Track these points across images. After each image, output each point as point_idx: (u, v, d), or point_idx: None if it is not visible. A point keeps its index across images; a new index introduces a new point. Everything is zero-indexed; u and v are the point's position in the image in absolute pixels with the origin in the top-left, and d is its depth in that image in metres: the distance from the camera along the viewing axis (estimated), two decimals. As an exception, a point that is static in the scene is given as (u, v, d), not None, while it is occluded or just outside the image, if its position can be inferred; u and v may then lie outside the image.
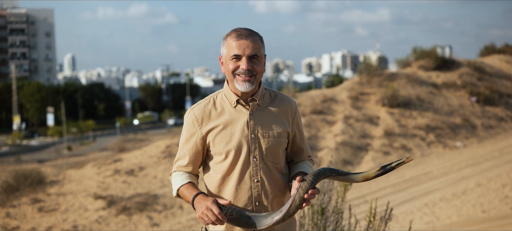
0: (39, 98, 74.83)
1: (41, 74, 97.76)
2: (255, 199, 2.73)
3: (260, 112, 2.78)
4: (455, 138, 26.49)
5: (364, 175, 2.77)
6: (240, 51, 2.68)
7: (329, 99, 29.84)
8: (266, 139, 2.74)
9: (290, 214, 2.62)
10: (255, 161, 2.73)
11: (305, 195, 2.59)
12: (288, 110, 2.86)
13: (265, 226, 2.62)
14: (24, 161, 41.62)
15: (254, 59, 2.71)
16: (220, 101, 2.82)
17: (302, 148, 2.94)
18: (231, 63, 2.71)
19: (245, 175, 2.73)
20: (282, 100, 2.87)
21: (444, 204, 14.34)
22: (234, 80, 2.73)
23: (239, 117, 2.76)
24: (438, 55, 36.28)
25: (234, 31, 2.74)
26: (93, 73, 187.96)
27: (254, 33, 2.75)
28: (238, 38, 2.69)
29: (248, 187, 2.73)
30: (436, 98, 30.69)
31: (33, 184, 22.48)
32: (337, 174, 2.76)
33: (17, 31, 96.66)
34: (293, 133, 2.89)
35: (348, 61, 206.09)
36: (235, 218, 2.62)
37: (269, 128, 2.76)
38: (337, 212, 5.35)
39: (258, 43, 2.73)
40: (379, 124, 27.07)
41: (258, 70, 2.72)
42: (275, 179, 2.77)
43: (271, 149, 2.75)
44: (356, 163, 22.81)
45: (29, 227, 18.86)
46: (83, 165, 28.34)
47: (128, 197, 20.39)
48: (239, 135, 2.73)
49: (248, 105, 2.77)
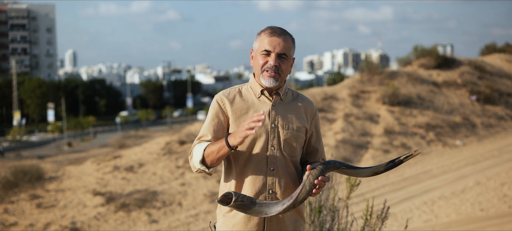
0: (40, 94, 74.78)
1: (42, 69, 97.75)
2: (269, 187, 2.80)
3: (282, 106, 2.90)
4: (455, 137, 26.46)
5: (373, 169, 2.84)
6: (270, 47, 2.81)
7: (330, 97, 29.82)
8: (285, 131, 2.84)
9: (300, 199, 2.65)
10: (273, 149, 2.81)
11: (315, 181, 2.64)
12: (308, 110, 2.98)
13: (275, 213, 2.64)
14: (24, 157, 41.64)
15: (283, 57, 2.83)
16: (245, 91, 2.93)
17: (317, 150, 3.01)
18: (261, 57, 2.83)
19: (262, 161, 2.80)
20: (303, 99, 3.00)
21: (443, 202, 14.33)
22: (260, 75, 2.83)
23: (261, 106, 2.87)
24: (439, 53, 36.25)
25: (269, 28, 2.87)
26: (94, 69, 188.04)
27: (287, 34, 2.87)
28: (271, 35, 2.82)
29: (264, 173, 2.80)
30: (436, 96, 30.66)
31: (32, 180, 22.47)
32: (346, 167, 2.83)
33: (18, 27, 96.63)
34: (311, 132, 2.97)
35: (349, 59, 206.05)
36: (245, 204, 2.62)
37: (289, 121, 2.87)
38: (334, 210, 5.35)
39: (289, 43, 2.86)
40: (379, 122, 27.05)
41: (284, 69, 2.84)
42: (290, 171, 2.84)
43: (289, 140, 2.84)
44: (356, 161, 22.79)
45: (27, 223, 18.86)
46: (82, 161, 28.34)
47: (127, 194, 20.38)
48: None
49: (272, 97, 2.88)
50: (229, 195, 2.61)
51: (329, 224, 5.34)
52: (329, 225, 5.34)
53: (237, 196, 2.60)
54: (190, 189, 20.50)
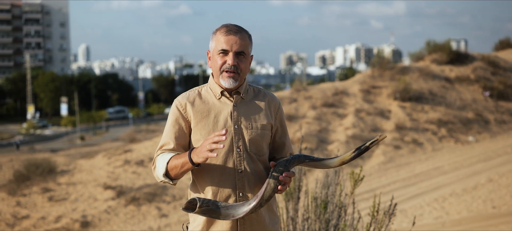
0: (53, 88, 75.24)
1: (55, 64, 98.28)
2: (239, 190, 2.72)
3: (244, 105, 2.81)
4: (467, 133, 26.28)
5: (340, 159, 2.75)
6: (228, 46, 2.71)
7: (341, 92, 29.73)
8: (249, 131, 2.76)
9: (266, 198, 2.60)
10: (239, 151, 2.73)
11: (280, 177, 2.59)
12: (271, 105, 2.88)
13: (243, 214, 2.59)
14: (37, 151, 41.91)
15: (241, 56, 2.74)
16: (205, 93, 2.84)
17: (284, 144, 2.92)
18: (219, 58, 2.73)
19: (228, 165, 2.73)
20: (265, 95, 2.90)
21: (454, 199, 14.22)
22: (219, 75, 2.75)
23: (223, 108, 2.78)
24: (452, 49, 35.98)
25: (224, 26, 2.77)
26: (107, 64, 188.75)
27: (243, 30, 2.77)
28: (227, 33, 2.72)
29: (232, 177, 2.73)
30: (448, 92, 30.46)
31: (44, 174, 22.63)
32: (311, 160, 2.75)
33: (32, 21, 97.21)
34: (276, 127, 2.89)
35: (362, 54, 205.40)
36: (211, 209, 2.57)
37: (253, 120, 2.78)
38: (340, 206, 5.31)
39: (246, 40, 2.75)
40: (390, 118, 26.93)
41: (242, 68, 2.75)
42: (259, 171, 2.77)
43: (255, 140, 2.76)
44: (366, 156, 22.70)
45: (39, 216, 18.98)
46: (94, 155, 28.48)
47: (138, 188, 20.45)
48: (223, 125, 2.74)
49: (232, 97, 2.79)
50: (194, 201, 2.55)
51: (335, 220, 5.30)
52: (335, 221, 5.30)
53: (202, 202, 2.55)
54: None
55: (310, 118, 26.36)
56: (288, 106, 27.93)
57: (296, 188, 5.45)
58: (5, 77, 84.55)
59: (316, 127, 25.27)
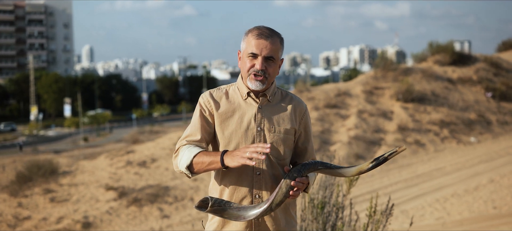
0: (57, 89, 75.34)
1: (59, 65, 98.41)
2: (256, 192, 2.74)
3: (269, 108, 2.81)
4: (469, 134, 26.24)
5: (358, 168, 2.71)
6: (257, 50, 2.71)
7: (343, 93, 29.71)
8: (271, 134, 2.76)
9: (277, 202, 2.59)
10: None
11: (292, 182, 2.58)
12: (297, 110, 2.87)
13: (253, 217, 2.60)
14: (41, 152, 41.98)
15: (270, 60, 2.74)
16: (232, 92, 2.85)
17: (307, 150, 2.91)
18: (248, 60, 2.74)
19: (247, 166, 2.72)
20: (292, 99, 2.89)
21: (456, 200, 14.21)
22: (247, 77, 2.76)
23: (247, 109, 2.79)
24: (454, 50, 35.92)
25: (256, 28, 2.77)
26: (110, 65, 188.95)
27: (275, 34, 2.77)
28: (258, 37, 2.72)
29: (249, 178, 2.74)
30: (451, 93, 30.42)
31: (46, 175, 22.65)
32: (327, 167, 2.72)
33: (35, 22, 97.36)
34: (299, 132, 2.88)
35: (366, 55, 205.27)
36: (223, 209, 2.59)
37: (276, 123, 2.78)
38: (338, 206, 5.30)
39: (276, 45, 2.74)
40: (392, 119, 26.90)
41: (270, 72, 2.75)
42: (277, 174, 2.76)
43: (276, 144, 2.76)
44: (369, 157, 22.67)
45: (41, 217, 19.00)
46: (96, 156, 28.50)
47: (140, 189, 20.47)
48: (246, 125, 2.75)
49: (258, 99, 2.80)
50: (206, 200, 2.57)
51: (332, 221, 5.29)
52: (332, 222, 5.29)
53: (214, 201, 2.57)
54: (202, 185, 20.54)
55: (312, 119, 26.35)
56: (291, 107, 27.90)
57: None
58: (9, 78, 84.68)
59: (319, 128, 25.26)
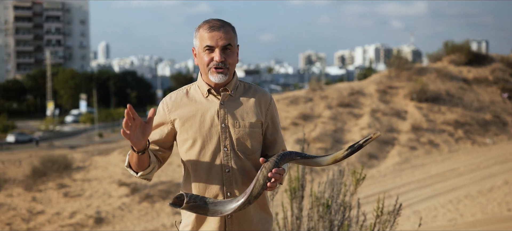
0: (73, 84, 75.90)
1: (75, 61, 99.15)
2: (227, 189, 2.69)
3: (232, 102, 2.76)
4: (484, 135, 26.02)
5: (333, 156, 2.68)
6: (213, 43, 2.67)
7: (357, 92, 29.61)
8: (236, 129, 2.71)
9: (255, 195, 2.55)
10: (226, 150, 2.69)
11: (269, 174, 2.54)
12: (262, 101, 2.81)
13: (231, 211, 2.55)
14: (56, 147, 42.30)
15: (227, 50, 2.69)
16: (193, 91, 2.80)
17: (276, 141, 2.86)
18: (205, 55, 2.69)
19: (216, 164, 2.69)
20: (256, 91, 2.84)
21: (469, 201, 14.09)
22: (208, 72, 2.71)
23: (210, 106, 2.74)
24: (470, 49, 35.63)
25: (206, 22, 2.73)
26: (126, 61, 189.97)
27: (226, 24, 2.73)
28: (210, 30, 2.67)
29: (219, 176, 2.69)
30: (466, 93, 30.18)
31: (59, 170, 22.83)
32: (303, 157, 2.69)
33: (52, 18, 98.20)
34: (266, 124, 2.83)
35: (381, 54, 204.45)
36: (199, 205, 2.54)
37: (240, 118, 2.73)
38: (344, 206, 5.29)
39: (230, 34, 2.71)
40: (406, 119, 26.76)
41: (230, 62, 2.70)
42: (247, 169, 2.72)
43: (242, 139, 2.71)
44: (382, 157, 22.58)
45: (54, 212, 19.14)
46: (110, 152, 28.65)
47: (152, 185, 20.54)
48: (209, 123, 2.70)
49: (220, 95, 2.75)
50: (181, 197, 2.52)
51: (339, 220, 5.28)
52: (339, 221, 5.27)
53: (189, 197, 2.52)
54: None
55: (325, 118, 26.29)
56: (304, 105, 27.87)
57: (300, 187, 5.43)
58: (26, 73, 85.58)
59: (332, 127, 25.19)
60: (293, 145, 22.34)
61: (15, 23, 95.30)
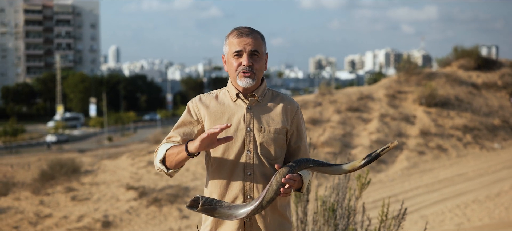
0: (83, 88, 76.15)
1: (85, 65, 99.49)
2: (247, 192, 2.75)
3: (259, 108, 2.84)
4: (493, 140, 25.91)
5: (350, 165, 2.72)
6: (241, 47, 2.76)
7: (366, 96, 29.56)
8: (261, 134, 2.78)
9: (268, 200, 2.59)
10: (249, 154, 2.76)
11: (282, 179, 2.58)
12: (288, 109, 2.88)
13: (244, 215, 2.60)
14: (66, 150, 42.49)
15: (255, 55, 2.78)
16: (222, 96, 2.89)
17: (300, 149, 2.91)
18: (234, 60, 2.78)
19: (238, 166, 2.76)
20: (283, 99, 2.92)
21: (477, 206, 14.03)
22: (236, 77, 2.79)
23: (237, 110, 2.82)
24: (480, 54, 35.53)
25: (235, 29, 2.82)
26: (136, 65, 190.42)
27: (255, 31, 2.83)
28: (239, 36, 2.78)
29: (240, 179, 2.75)
30: (475, 98, 30.08)
31: (68, 173, 22.91)
32: (319, 165, 2.73)
33: (63, 22, 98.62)
34: (292, 132, 2.89)
35: (391, 59, 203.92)
36: (213, 208, 2.60)
37: (266, 123, 2.80)
38: (349, 210, 5.29)
39: (258, 40, 2.80)
40: (415, 123, 26.69)
41: (258, 67, 2.79)
42: (268, 174, 2.77)
43: (266, 144, 2.78)
44: (390, 162, 22.53)
45: (61, 215, 19.21)
46: (119, 155, 28.74)
47: (160, 189, 20.57)
48: (235, 126, 2.78)
49: (247, 99, 2.83)
50: (197, 199, 2.58)
51: (344, 224, 5.28)
52: (344, 225, 5.28)
53: (204, 200, 2.58)
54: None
55: (334, 122, 26.26)
56: (313, 109, 27.85)
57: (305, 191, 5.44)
58: (36, 77, 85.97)
59: (340, 131, 25.16)
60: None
61: (25, 27, 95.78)
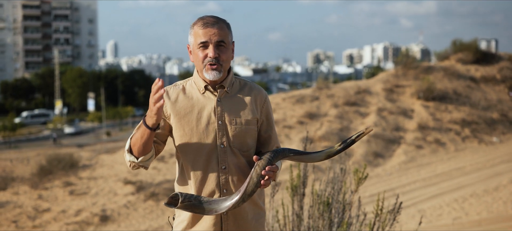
0: (81, 83, 76.04)
1: (83, 60, 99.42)
2: (223, 186, 2.70)
3: (228, 99, 2.77)
4: (491, 133, 25.91)
5: (326, 152, 2.71)
6: (206, 38, 2.67)
7: (363, 90, 29.54)
8: (233, 126, 2.72)
9: (249, 193, 2.56)
10: (223, 147, 2.70)
11: (262, 171, 2.55)
12: (257, 98, 2.83)
13: (225, 209, 2.56)
14: (64, 145, 42.46)
15: (221, 46, 2.69)
16: (189, 87, 2.80)
17: (270, 138, 2.87)
18: (200, 51, 2.69)
19: (212, 161, 2.70)
20: (251, 88, 2.85)
21: (475, 200, 14.04)
22: (203, 69, 2.70)
23: (206, 103, 2.74)
24: (478, 48, 35.46)
25: (200, 19, 2.73)
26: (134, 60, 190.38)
27: (221, 20, 2.73)
28: (204, 26, 2.68)
29: (215, 173, 2.70)
30: (473, 92, 30.06)
31: (65, 168, 22.91)
32: (296, 154, 2.71)
33: (61, 17, 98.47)
34: (261, 121, 2.84)
35: (390, 53, 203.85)
36: (194, 204, 2.55)
37: (237, 115, 2.74)
38: (344, 204, 5.27)
39: (224, 30, 2.71)
40: (413, 117, 26.67)
41: (224, 58, 2.70)
42: (242, 166, 2.74)
43: (239, 136, 2.73)
44: (388, 156, 22.52)
45: (60, 210, 19.22)
46: (117, 150, 28.72)
47: (157, 183, 20.58)
48: (206, 120, 2.71)
49: (216, 91, 2.75)
50: (176, 197, 2.52)
51: (338, 218, 5.26)
52: (339, 219, 5.26)
53: (184, 197, 2.52)
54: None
55: (331, 117, 26.24)
56: (310, 104, 27.83)
57: (301, 184, 5.43)
58: (34, 72, 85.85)
59: (338, 126, 25.14)
60: (299, 144, 22.31)
61: (23, 22, 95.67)
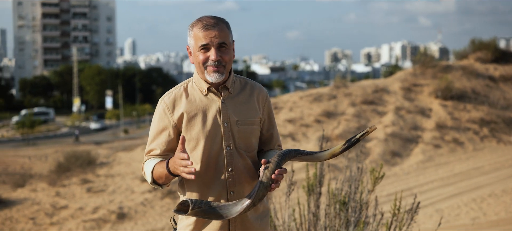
0: (99, 81, 76.59)
1: (101, 57, 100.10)
2: (230, 188, 2.68)
3: (232, 100, 2.74)
4: (510, 133, 25.64)
5: (331, 151, 2.70)
6: (207, 41, 2.62)
7: (381, 89, 29.39)
8: (239, 128, 2.70)
9: (260, 197, 2.54)
10: (229, 150, 2.68)
11: (272, 175, 2.53)
12: (259, 97, 2.81)
13: (236, 214, 2.54)
14: (82, 143, 42.75)
15: (223, 48, 2.65)
16: (191, 90, 2.75)
17: (272, 136, 2.86)
18: (200, 53, 2.65)
19: (219, 163, 2.67)
20: (252, 87, 2.83)
21: (493, 200, 13.91)
22: (204, 71, 2.67)
23: (210, 105, 2.70)
24: (497, 47, 35.11)
25: (199, 20, 2.68)
26: (152, 58, 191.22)
27: (221, 21, 2.69)
28: (205, 29, 2.63)
29: (222, 176, 2.67)
30: (492, 91, 29.76)
31: (83, 165, 23.06)
32: (303, 154, 2.71)
33: (79, 15, 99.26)
34: (264, 120, 2.83)
35: (408, 52, 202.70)
36: (204, 210, 2.52)
37: (242, 116, 2.73)
38: (361, 203, 5.25)
39: (225, 31, 2.67)
40: (431, 117, 26.49)
41: (227, 59, 2.66)
42: (248, 167, 2.72)
43: (245, 137, 2.71)
44: (405, 155, 22.38)
45: (77, 207, 19.34)
46: (134, 148, 28.85)
47: (174, 181, 20.59)
48: (212, 123, 2.67)
49: (220, 93, 2.72)
50: (186, 203, 2.49)
51: (355, 217, 5.24)
52: (355, 218, 5.24)
53: (194, 203, 2.49)
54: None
55: (349, 115, 26.15)
56: (327, 102, 27.76)
57: (317, 183, 5.42)
58: (53, 70, 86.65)
59: (355, 124, 25.04)
60: (316, 143, 22.26)
61: (42, 20, 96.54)
